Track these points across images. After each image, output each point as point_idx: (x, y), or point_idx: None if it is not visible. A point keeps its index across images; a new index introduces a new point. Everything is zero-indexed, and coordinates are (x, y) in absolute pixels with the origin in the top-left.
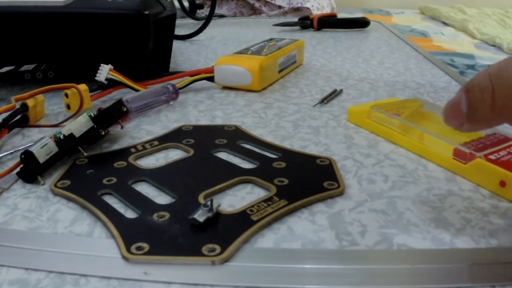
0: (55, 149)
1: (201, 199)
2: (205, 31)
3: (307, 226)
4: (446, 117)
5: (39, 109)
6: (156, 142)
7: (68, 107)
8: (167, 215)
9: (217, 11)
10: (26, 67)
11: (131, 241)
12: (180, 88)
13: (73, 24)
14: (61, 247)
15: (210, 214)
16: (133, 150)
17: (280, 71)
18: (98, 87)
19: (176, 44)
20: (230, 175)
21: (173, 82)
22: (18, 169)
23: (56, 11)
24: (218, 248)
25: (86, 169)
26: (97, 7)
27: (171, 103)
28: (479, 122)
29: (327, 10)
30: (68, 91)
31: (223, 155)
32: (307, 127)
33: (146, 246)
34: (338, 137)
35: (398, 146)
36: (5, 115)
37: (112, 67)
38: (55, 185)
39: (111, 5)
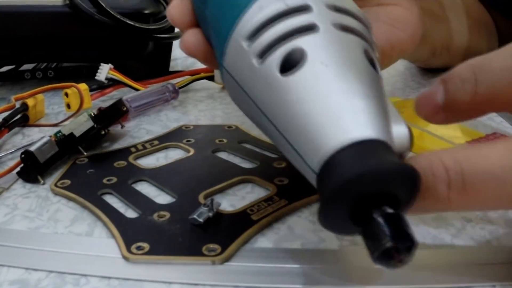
0: (55, 148)
1: (201, 199)
2: None
3: (307, 226)
4: (418, 105)
5: (39, 108)
6: (156, 142)
7: (68, 106)
8: (167, 215)
9: None
10: (26, 67)
11: (131, 241)
12: (180, 88)
13: (73, 23)
14: (61, 247)
15: (210, 214)
16: (133, 149)
17: None
18: (98, 87)
19: (176, 43)
20: (230, 175)
21: (173, 81)
22: (18, 169)
23: (55, 10)
24: (218, 248)
25: (86, 168)
26: None
27: (171, 102)
28: (455, 114)
29: None
30: (68, 91)
31: (223, 155)
32: None
33: (146, 246)
34: None
35: None
36: (5, 114)
37: (112, 66)
38: (55, 185)
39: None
